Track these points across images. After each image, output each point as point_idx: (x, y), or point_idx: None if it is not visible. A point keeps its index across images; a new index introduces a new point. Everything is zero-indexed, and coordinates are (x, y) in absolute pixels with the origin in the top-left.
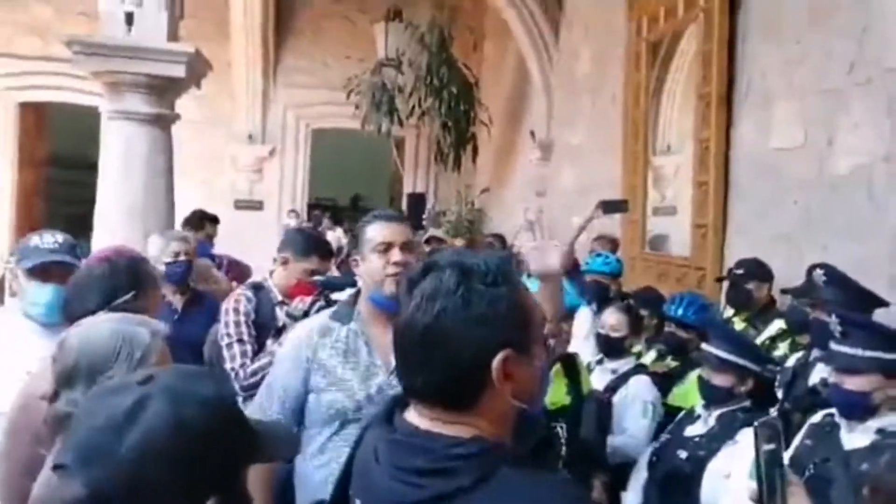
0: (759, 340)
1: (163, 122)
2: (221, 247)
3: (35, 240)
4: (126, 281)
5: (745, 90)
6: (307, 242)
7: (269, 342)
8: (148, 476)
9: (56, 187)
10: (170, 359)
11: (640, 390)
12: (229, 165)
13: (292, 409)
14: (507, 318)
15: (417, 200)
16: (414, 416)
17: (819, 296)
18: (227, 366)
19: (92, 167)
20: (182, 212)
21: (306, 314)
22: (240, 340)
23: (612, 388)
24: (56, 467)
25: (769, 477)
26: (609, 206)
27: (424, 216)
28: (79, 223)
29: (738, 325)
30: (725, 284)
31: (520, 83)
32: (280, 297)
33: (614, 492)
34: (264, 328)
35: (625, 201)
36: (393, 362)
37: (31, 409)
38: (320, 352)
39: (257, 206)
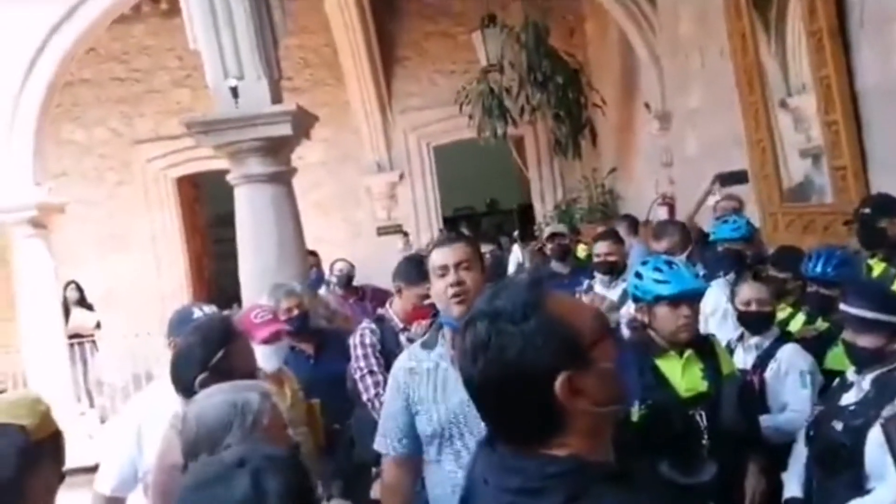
0: None
1: (283, 178)
2: (369, 275)
3: (197, 312)
4: (215, 342)
5: (859, 16)
6: (416, 269)
7: None
8: None
9: (221, 247)
10: (283, 416)
11: (792, 360)
12: (365, 197)
13: (403, 432)
14: (549, 346)
15: (523, 212)
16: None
17: None
18: (364, 398)
19: None
20: (332, 247)
21: None
22: (371, 372)
23: (760, 364)
24: None
25: None
26: (727, 179)
27: (535, 226)
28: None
29: (877, 267)
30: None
31: (626, 57)
32: (401, 325)
33: (775, 474)
34: (391, 356)
35: (743, 172)
36: None
37: (170, 477)
38: (411, 378)
39: (397, 229)
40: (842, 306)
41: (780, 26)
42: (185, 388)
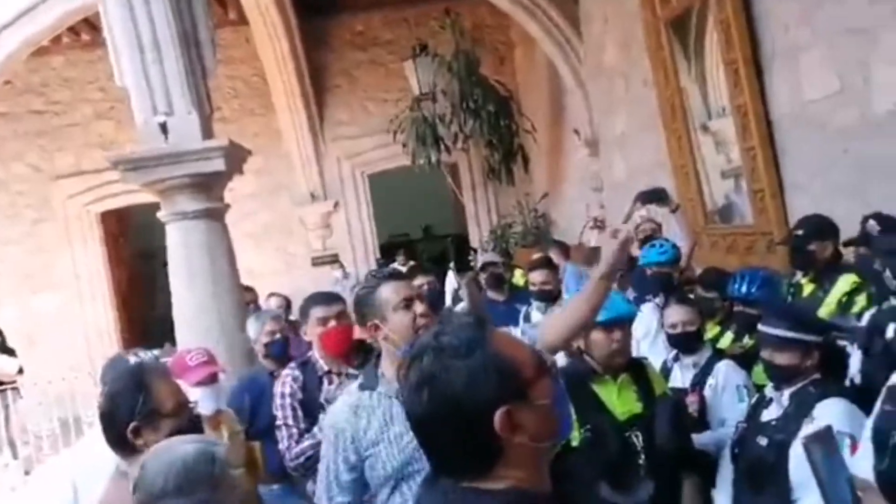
0: (834, 298)
1: (215, 215)
2: None
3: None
4: (132, 390)
5: (770, 48)
6: (305, 304)
7: (320, 418)
8: None
9: (147, 282)
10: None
11: (728, 376)
12: (299, 227)
13: (349, 484)
14: (490, 380)
15: (460, 239)
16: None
17: (877, 246)
18: (279, 446)
19: None
20: (265, 279)
21: None
22: (286, 425)
23: (698, 382)
24: None
25: (836, 490)
26: (647, 197)
27: (471, 257)
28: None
29: (807, 286)
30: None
31: (554, 85)
32: (326, 368)
33: (708, 491)
34: (314, 402)
35: (662, 189)
36: None
37: None
38: (357, 425)
39: (333, 259)
40: (759, 326)
41: (698, 52)
42: (118, 443)
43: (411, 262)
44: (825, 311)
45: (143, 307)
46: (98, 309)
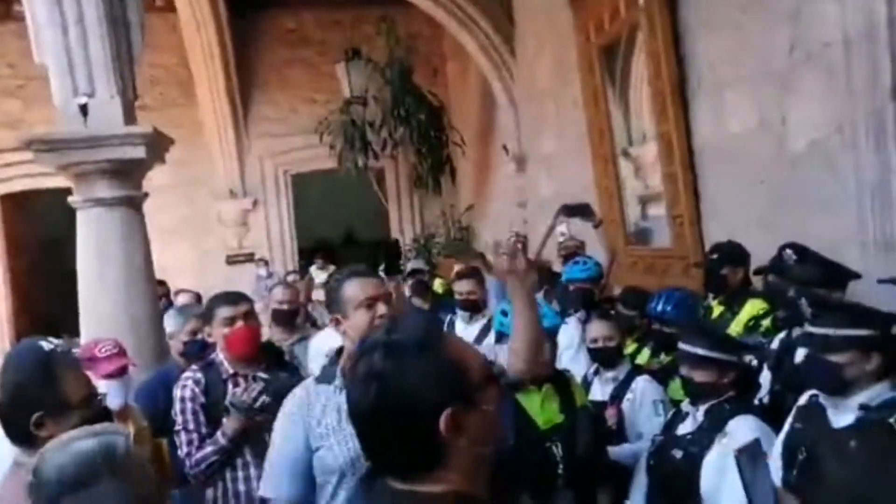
0: (741, 321)
1: (133, 203)
2: None
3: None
4: (38, 377)
5: (696, 82)
6: (210, 304)
7: (224, 422)
8: None
9: (49, 270)
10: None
11: (646, 391)
12: (216, 223)
13: (297, 474)
14: (439, 381)
15: (390, 247)
16: (390, 478)
17: (792, 275)
18: (178, 452)
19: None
20: (177, 274)
21: (251, 408)
22: (185, 430)
23: (617, 395)
24: None
25: (762, 497)
26: (569, 211)
27: (401, 261)
28: (73, 305)
29: (717, 308)
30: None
31: (485, 100)
32: (231, 371)
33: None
34: (216, 406)
35: (586, 204)
36: None
37: None
38: (312, 416)
39: (249, 258)
40: (680, 344)
41: (624, 80)
42: (20, 435)
43: (331, 267)
44: (732, 331)
45: (43, 297)
46: None
